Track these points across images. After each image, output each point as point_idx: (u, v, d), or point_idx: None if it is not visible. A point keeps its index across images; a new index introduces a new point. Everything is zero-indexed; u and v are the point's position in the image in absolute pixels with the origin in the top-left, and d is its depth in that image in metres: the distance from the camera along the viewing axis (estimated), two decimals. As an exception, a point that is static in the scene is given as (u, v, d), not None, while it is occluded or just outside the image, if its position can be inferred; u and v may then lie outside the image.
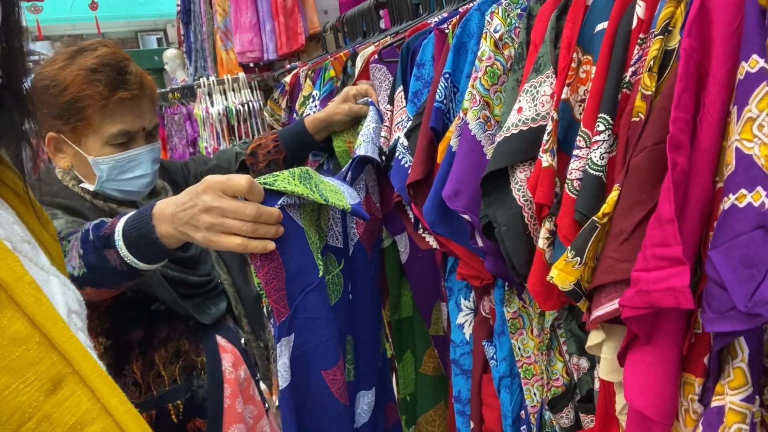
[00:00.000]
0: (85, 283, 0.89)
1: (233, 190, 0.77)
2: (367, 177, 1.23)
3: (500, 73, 0.79)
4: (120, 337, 1.14)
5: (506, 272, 0.84)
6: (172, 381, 1.18)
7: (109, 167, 1.10)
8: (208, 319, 1.22)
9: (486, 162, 0.79)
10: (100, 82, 1.04)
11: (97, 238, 0.85)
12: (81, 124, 1.07)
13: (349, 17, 1.84)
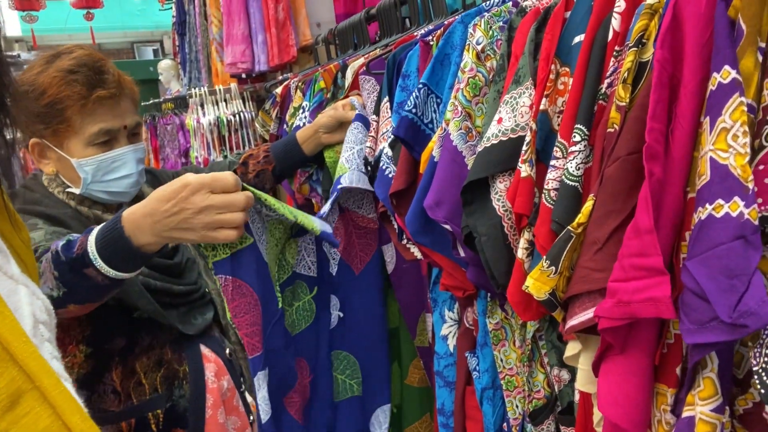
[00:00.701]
0: (67, 302, 0.88)
1: (222, 187, 0.78)
2: (343, 196, 1.24)
3: (482, 84, 0.79)
4: (101, 345, 1.12)
5: (488, 282, 0.84)
6: (153, 390, 1.16)
7: (94, 168, 1.10)
8: (192, 330, 1.21)
9: (467, 173, 0.79)
10: (77, 82, 1.04)
11: (70, 260, 0.84)
12: (62, 126, 1.07)
13: (341, 30, 1.86)
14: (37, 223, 1.04)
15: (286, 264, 1.07)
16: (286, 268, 1.07)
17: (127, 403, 1.15)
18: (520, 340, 0.87)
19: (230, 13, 2.42)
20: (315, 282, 1.11)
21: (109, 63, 1.10)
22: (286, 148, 1.42)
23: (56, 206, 1.13)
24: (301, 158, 1.41)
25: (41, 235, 0.97)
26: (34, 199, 1.14)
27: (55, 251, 0.86)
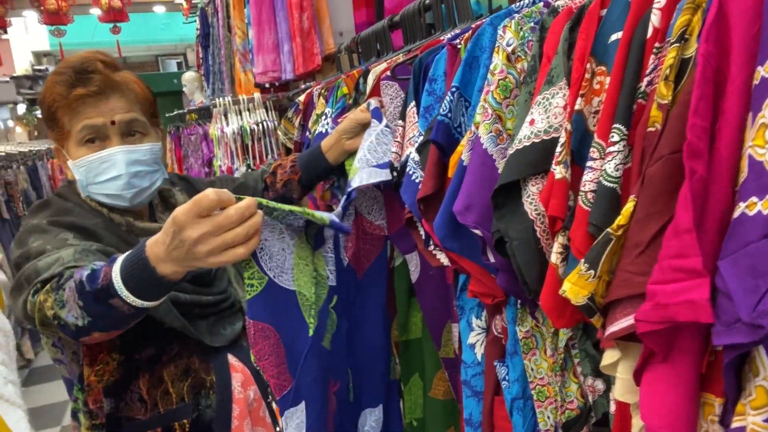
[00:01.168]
0: (92, 330, 0.89)
1: (207, 209, 0.75)
2: (358, 200, 1.23)
3: (512, 86, 0.78)
4: (131, 354, 1.12)
5: (518, 289, 0.82)
6: (179, 399, 1.16)
7: (85, 169, 1.10)
8: (220, 342, 1.20)
9: (498, 176, 0.78)
10: (59, 83, 1.07)
11: (95, 291, 0.84)
12: (58, 129, 1.11)
13: (363, 37, 1.86)
14: (68, 238, 1.04)
15: (322, 279, 1.05)
16: (323, 283, 1.05)
17: (154, 411, 1.15)
18: (552, 349, 0.85)
19: (260, 23, 2.45)
20: (335, 291, 1.10)
21: (101, 65, 1.09)
22: (310, 157, 1.41)
23: (88, 215, 1.13)
24: (325, 167, 1.40)
25: (70, 254, 0.97)
26: (67, 208, 1.14)
27: (79, 281, 0.86)
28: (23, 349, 3.56)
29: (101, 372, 1.11)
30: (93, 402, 1.13)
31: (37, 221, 1.09)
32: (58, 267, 0.94)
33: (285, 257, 0.95)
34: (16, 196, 4.09)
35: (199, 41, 5.51)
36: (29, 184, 4.59)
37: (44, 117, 1.13)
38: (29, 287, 0.96)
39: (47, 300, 0.91)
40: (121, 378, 1.12)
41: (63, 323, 0.89)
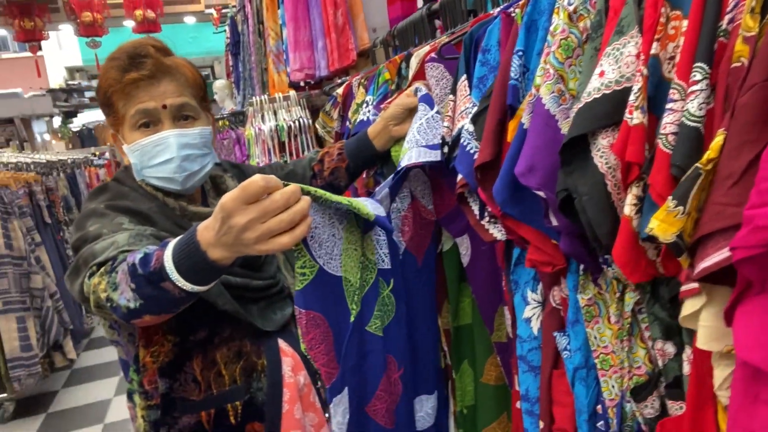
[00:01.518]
0: (144, 313, 0.89)
1: (254, 195, 0.74)
2: (413, 183, 1.23)
3: (575, 45, 0.77)
4: (186, 335, 1.14)
5: (583, 252, 0.81)
6: (232, 381, 1.17)
7: (139, 153, 1.12)
8: (271, 326, 1.21)
9: (561, 137, 0.77)
10: (113, 68, 1.09)
11: (148, 273, 0.84)
12: (114, 114, 1.12)
13: (401, 29, 1.86)
14: (123, 222, 1.06)
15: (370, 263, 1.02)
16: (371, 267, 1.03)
17: (207, 392, 1.16)
18: (617, 316, 0.83)
19: (297, 20, 2.48)
20: (390, 274, 1.08)
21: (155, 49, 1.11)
22: (358, 144, 1.42)
23: (143, 200, 1.15)
24: (372, 154, 1.40)
25: (125, 238, 0.98)
26: (123, 192, 1.16)
27: (132, 264, 0.87)
28: (65, 350, 3.64)
29: (156, 353, 1.13)
30: (148, 383, 1.14)
31: (95, 205, 1.11)
32: (113, 251, 0.95)
33: (334, 243, 0.94)
34: (57, 201, 4.20)
35: (229, 49, 5.62)
36: (69, 190, 4.71)
37: (101, 103, 1.15)
38: (86, 270, 0.98)
39: (101, 283, 0.93)
40: (175, 359, 1.14)
41: (115, 305, 0.90)
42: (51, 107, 7.99)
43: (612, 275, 0.82)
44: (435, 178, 1.25)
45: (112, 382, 3.72)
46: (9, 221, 3.23)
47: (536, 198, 0.81)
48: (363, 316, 1.00)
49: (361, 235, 1.01)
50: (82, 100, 10.55)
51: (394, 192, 1.16)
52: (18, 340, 3.18)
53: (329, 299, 0.93)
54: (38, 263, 3.44)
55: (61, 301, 3.62)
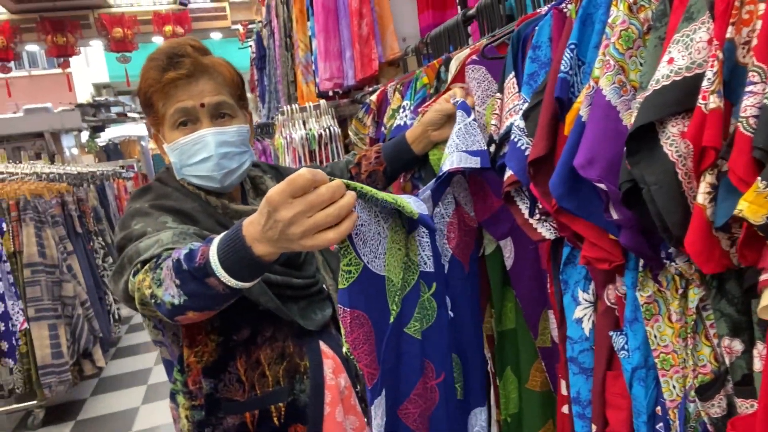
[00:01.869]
0: (188, 309, 0.89)
1: (301, 188, 0.72)
2: (456, 189, 1.22)
3: (635, 36, 0.76)
4: (229, 335, 1.14)
5: (645, 247, 0.79)
6: (275, 382, 1.17)
7: (179, 152, 1.13)
8: (312, 326, 1.21)
9: (622, 127, 0.76)
10: (153, 69, 1.11)
11: (193, 269, 0.84)
12: (154, 113, 1.14)
13: (434, 36, 1.87)
14: (167, 221, 1.07)
15: (413, 264, 1.00)
16: (413, 268, 1.00)
17: (251, 393, 1.16)
18: (678, 313, 0.81)
19: (327, 30, 2.51)
20: (432, 278, 1.05)
21: (193, 49, 1.12)
22: (396, 148, 1.42)
23: (186, 199, 1.16)
24: (411, 158, 1.41)
25: (169, 236, 0.99)
26: (166, 192, 1.18)
27: (176, 260, 0.87)
28: (95, 357, 3.67)
29: (200, 353, 1.13)
30: (192, 383, 1.15)
31: (139, 205, 1.13)
32: (157, 248, 0.96)
33: (379, 241, 0.92)
34: (88, 212, 4.28)
35: (255, 64, 5.71)
36: (98, 201, 4.79)
37: (142, 104, 1.17)
38: (131, 268, 0.99)
39: (145, 279, 0.93)
40: (219, 359, 1.14)
41: (159, 302, 0.90)
42: (80, 122, 8.17)
43: (674, 271, 0.80)
44: (475, 181, 1.24)
45: (140, 391, 3.74)
46: (42, 230, 3.29)
47: (595, 191, 0.80)
48: (402, 317, 0.98)
49: (405, 234, 1.00)
50: (109, 115, 10.78)
51: (436, 196, 1.15)
52: (50, 347, 3.22)
53: (372, 298, 0.92)
54: (70, 271, 3.49)
55: (92, 309, 3.67)
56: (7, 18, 7.01)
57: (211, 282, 0.83)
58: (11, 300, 2.67)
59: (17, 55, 7.39)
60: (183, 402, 1.18)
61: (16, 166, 3.90)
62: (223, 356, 1.14)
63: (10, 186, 3.36)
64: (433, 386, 1.06)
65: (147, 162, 10.24)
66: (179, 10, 6.83)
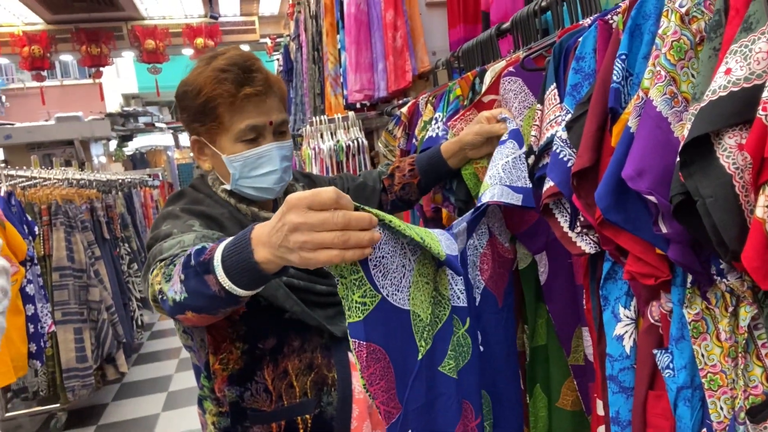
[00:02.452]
0: (187, 308, 0.87)
1: (320, 204, 0.71)
2: (491, 219, 1.19)
3: (687, 48, 0.75)
4: (255, 343, 1.13)
5: (695, 262, 0.77)
6: (303, 393, 1.16)
7: (241, 164, 1.14)
8: (340, 332, 1.20)
9: (674, 139, 0.74)
10: (227, 81, 1.10)
11: (198, 263, 0.83)
12: (214, 124, 1.13)
13: (466, 50, 1.87)
14: (194, 224, 1.08)
15: (443, 299, 0.95)
16: (444, 303, 0.95)
17: (278, 403, 1.15)
18: (728, 332, 0.78)
19: (359, 42, 2.54)
20: (466, 313, 1.00)
21: (259, 63, 1.15)
22: (430, 161, 1.42)
23: (216, 206, 1.17)
24: (446, 171, 1.41)
25: (191, 238, 1.00)
26: (198, 198, 1.19)
27: (188, 255, 0.86)
28: (118, 363, 3.70)
29: (225, 360, 1.13)
30: (218, 390, 1.14)
31: (171, 208, 1.14)
32: (177, 248, 0.96)
33: (404, 274, 0.87)
34: (115, 218, 4.34)
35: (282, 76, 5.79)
36: (125, 208, 4.87)
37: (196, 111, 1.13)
38: (152, 267, 0.99)
39: (158, 275, 0.93)
40: (245, 367, 1.13)
41: (165, 297, 0.88)
42: (109, 131, 8.35)
43: (724, 288, 0.77)
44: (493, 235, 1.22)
45: (160, 398, 3.76)
46: (72, 235, 3.35)
47: (643, 204, 0.78)
48: (434, 355, 0.92)
49: (434, 268, 0.94)
50: (137, 125, 11.00)
51: (471, 228, 1.12)
52: (74, 351, 3.26)
53: (393, 333, 0.85)
54: (96, 276, 3.54)
55: (116, 314, 3.70)
56: (44, 28, 7.22)
57: (209, 280, 0.81)
58: (41, 302, 2.71)
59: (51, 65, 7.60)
60: (210, 408, 1.18)
61: (48, 172, 3.99)
62: (249, 364, 1.13)
63: (43, 191, 3.43)
64: (473, 428, 0.99)
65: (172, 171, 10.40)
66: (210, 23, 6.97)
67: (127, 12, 7.03)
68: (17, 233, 2.31)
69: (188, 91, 1.14)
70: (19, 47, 6.92)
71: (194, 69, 1.16)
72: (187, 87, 1.14)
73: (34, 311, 2.55)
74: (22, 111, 13.64)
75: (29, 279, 2.54)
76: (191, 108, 1.14)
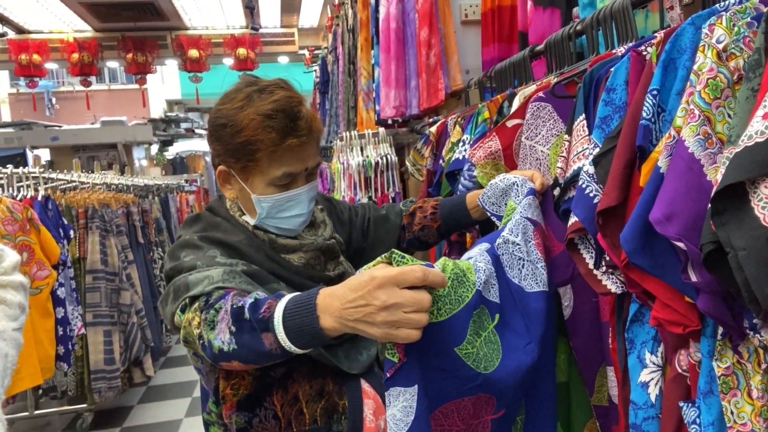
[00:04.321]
0: (235, 358, 0.88)
1: (409, 282, 0.72)
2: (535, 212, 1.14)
3: (724, 86, 0.70)
4: (266, 370, 1.12)
5: (726, 314, 0.72)
6: (312, 420, 1.13)
7: (270, 206, 1.13)
8: (357, 369, 1.17)
9: (706, 183, 0.70)
10: (273, 129, 1.05)
11: (255, 320, 0.83)
12: (251, 164, 1.10)
13: (499, 70, 1.83)
14: (215, 255, 1.07)
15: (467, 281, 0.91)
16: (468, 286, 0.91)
17: (287, 430, 1.12)
18: (762, 390, 0.73)
19: (393, 59, 2.53)
20: (497, 309, 0.97)
21: (304, 107, 1.11)
22: (453, 209, 1.39)
23: (234, 231, 1.16)
24: (467, 222, 1.38)
25: (219, 274, 0.99)
26: (215, 222, 1.18)
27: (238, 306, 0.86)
28: (145, 366, 3.76)
29: (236, 386, 1.11)
30: (226, 416, 1.13)
31: (189, 236, 1.13)
32: (207, 286, 0.96)
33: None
34: (150, 223, 4.43)
35: (318, 88, 5.85)
36: (161, 213, 4.97)
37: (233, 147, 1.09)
38: (179, 301, 0.99)
39: (195, 318, 0.93)
40: (255, 392, 1.12)
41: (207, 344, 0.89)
42: (151, 135, 8.58)
43: (758, 343, 0.72)
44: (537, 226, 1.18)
45: (185, 403, 3.80)
46: (107, 238, 3.42)
47: (672, 249, 0.74)
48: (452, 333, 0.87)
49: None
50: (179, 130, 11.27)
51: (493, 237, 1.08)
52: (103, 353, 3.32)
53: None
54: (128, 280, 3.61)
55: (146, 318, 3.77)
56: (92, 36, 7.49)
57: (267, 338, 0.82)
58: (71, 305, 2.77)
59: (99, 71, 7.86)
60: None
61: (87, 176, 4.10)
62: (259, 390, 1.12)
63: (81, 195, 3.52)
64: (487, 420, 0.96)
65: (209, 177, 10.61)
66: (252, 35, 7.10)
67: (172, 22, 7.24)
68: (51, 237, 2.37)
69: (227, 125, 1.09)
70: (68, 53, 7.19)
71: (233, 100, 1.10)
72: (226, 121, 1.09)
73: (64, 314, 2.60)
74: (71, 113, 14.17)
75: (61, 282, 2.60)
76: (227, 143, 1.10)
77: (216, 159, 1.18)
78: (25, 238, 2.22)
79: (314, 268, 1.20)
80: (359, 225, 1.41)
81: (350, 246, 1.39)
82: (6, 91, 15.30)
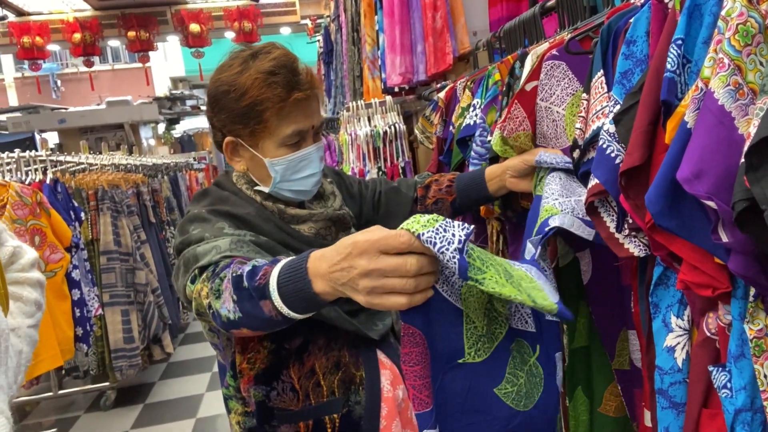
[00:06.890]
0: (242, 326, 0.88)
1: (393, 248, 0.69)
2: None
3: (755, 31, 0.65)
4: (281, 343, 1.11)
5: (759, 275, 0.68)
6: (330, 392, 1.13)
7: (284, 168, 1.11)
8: (376, 335, 1.17)
9: (738, 136, 0.65)
10: (278, 84, 1.04)
11: (252, 288, 0.83)
12: (259, 127, 1.08)
13: (507, 30, 1.76)
14: (224, 227, 1.05)
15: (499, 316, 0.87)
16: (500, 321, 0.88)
17: (305, 402, 1.12)
18: (797, 352, 0.70)
19: (402, 23, 2.45)
20: (536, 339, 0.92)
21: (301, 62, 1.10)
22: (470, 182, 1.36)
23: (242, 204, 1.14)
24: (484, 195, 1.34)
25: (226, 243, 0.98)
26: (223, 197, 1.16)
27: (238, 275, 0.85)
28: (164, 343, 3.81)
29: (252, 359, 1.11)
30: (244, 389, 1.13)
31: (197, 210, 1.12)
32: (214, 255, 0.96)
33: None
34: (161, 202, 4.44)
35: (322, 58, 5.75)
36: (171, 192, 4.97)
37: (239, 113, 1.08)
38: (189, 273, 0.98)
39: (203, 289, 0.93)
40: (271, 366, 1.12)
41: (216, 313, 0.90)
42: (157, 114, 8.54)
43: (793, 304, 0.69)
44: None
45: (205, 378, 3.85)
46: (118, 219, 3.43)
47: (701, 209, 0.70)
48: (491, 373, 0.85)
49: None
50: (185, 108, 11.22)
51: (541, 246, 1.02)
52: (122, 332, 3.37)
53: (437, 324, 0.81)
54: (143, 260, 3.63)
55: (162, 296, 3.80)
56: (93, 15, 7.39)
57: (265, 305, 0.82)
58: (87, 287, 2.79)
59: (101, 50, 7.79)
60: (236, 407, 1.17)
61: (96, 157, 4.09)
62: (275, 363, 1.12)
63: (90, 176, 3.52)
64: None
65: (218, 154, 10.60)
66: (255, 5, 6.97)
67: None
68: (62, 220, 2.37)
69: (229, 91, 1.07)
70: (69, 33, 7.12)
71: (230, 67, 1.09)
72: (228, 87, 1.07)
73: (80, 295, 2.62)
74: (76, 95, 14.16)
75: (75, 264, 2.62)
76: (232, 109, 1.08)
77: (221, 132, 1.15)
78: (36, 221, 2.22)
79: (325, 238, 1.18)
80: (369, 198, 1.39)
81: (360, 219, 1.37)
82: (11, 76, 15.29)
